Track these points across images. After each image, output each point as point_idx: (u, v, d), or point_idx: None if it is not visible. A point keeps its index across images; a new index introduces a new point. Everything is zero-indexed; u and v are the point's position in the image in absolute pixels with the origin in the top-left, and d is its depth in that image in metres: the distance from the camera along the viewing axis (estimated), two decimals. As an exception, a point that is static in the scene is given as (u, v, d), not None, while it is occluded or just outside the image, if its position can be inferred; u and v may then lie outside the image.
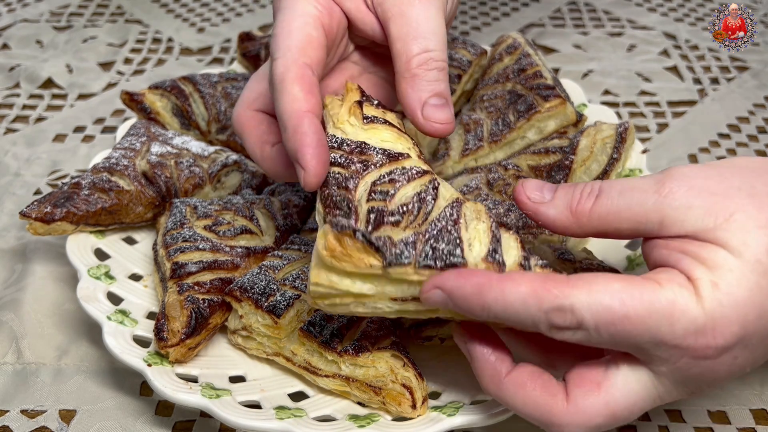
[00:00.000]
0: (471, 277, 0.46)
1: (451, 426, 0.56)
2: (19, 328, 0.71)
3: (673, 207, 0.47)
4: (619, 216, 0.49)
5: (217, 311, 0.64)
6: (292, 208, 0.75)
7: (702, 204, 0.46)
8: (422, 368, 0.60)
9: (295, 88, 0.54)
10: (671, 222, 0.47)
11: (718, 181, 0.47)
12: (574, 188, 0.51)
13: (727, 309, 0.44)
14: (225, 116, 0.85)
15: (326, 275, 0.48)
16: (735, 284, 0.44)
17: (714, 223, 0.46)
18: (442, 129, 0.57)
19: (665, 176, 0.48)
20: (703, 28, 1.22)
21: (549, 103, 0.78)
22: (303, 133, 0.52)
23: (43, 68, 1.11)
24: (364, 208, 0.50)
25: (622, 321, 0.44)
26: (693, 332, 0.44)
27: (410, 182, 0.52)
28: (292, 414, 0.58)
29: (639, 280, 0.46)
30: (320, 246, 0.47)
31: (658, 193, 0.48)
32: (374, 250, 0.46)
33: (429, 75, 0.57)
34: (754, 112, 1.02)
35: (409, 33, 0.57)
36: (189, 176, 0.77)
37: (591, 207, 0.50)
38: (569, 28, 1.23)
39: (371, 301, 0.49)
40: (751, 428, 0.63)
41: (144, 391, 0.66)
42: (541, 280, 0.46)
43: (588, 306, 0.44)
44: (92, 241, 0.72)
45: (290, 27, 0.57)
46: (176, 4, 1.31)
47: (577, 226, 0.51)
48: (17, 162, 0.94)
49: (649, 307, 0.44)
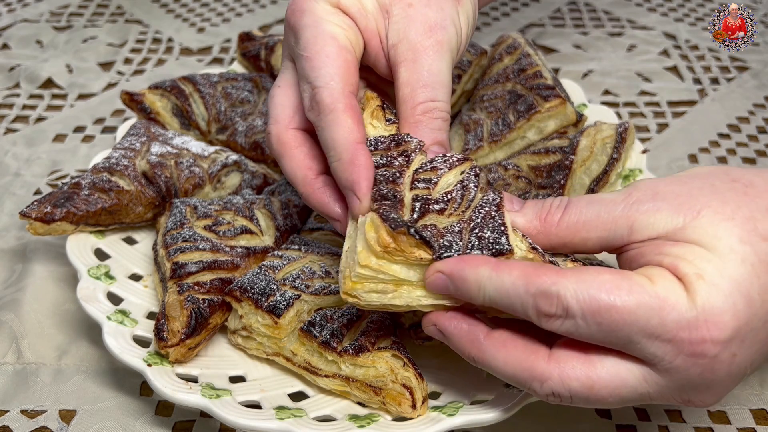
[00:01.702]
0: (470, 260, 0.49)
1: (451, 426, 0.56)
2: (19, 328, 0.71)
3: (641, 211, 0.49)
4: (587, 225, 0.50)
5: (217, 311, 0.64)
6: (292, 208, 0.75)
7: (668, 206, 0.48)
8: (422, 368, 0.60)
9: (348, 120, 0.55)
10: (641, 226, 0.49)
11: (680, 185, 0.50)
12: (543, 201, 0.53)
13: (716, 300, 0.45)
14: (225, 116, 0.85)
15: (376, 261, 0.50)
16: (717, 275, 0.45)
17: (683, 222, 0.47)
18: None
19: (631, 187, 0.51)
20: (703, 28, 1.22)
21: (549, 103, 0.78)
22: (360, 165, 0.54)
23: (43, 68, 1.11)
24: (408, 196, 0.53)
25: (608, 310, 0.45)
26: (686, 326, 0.45)
27: (452, 169, 0.54)
28: (292, 414, 0.58)
29: (630, 274, 0.47)
30: (372, 239, 0.49)
31: (625, 202, 0.50)
32: (424, 244, 0.49)
33: (433, 123, 0.58)
34: (754, 112, 1.02)
35: (418, 80, 0.59)
36: (189, 176, 0.77)
37: (560, 217, 0.52)
38: (569, 28, 1.23)
39: (411, 290, 0.51)
40: (751, 428, 0.63)
41: (144, 391, 0.66)
42: (534, 266, 0.48)
43: (575, 293, 0.46)
44: (92, 241, 0.72)
45: (326, 51, 0.57)
46: (176, 4, 1.31)
47: (544, 236, 0.52)
48: (17, 162, 0.94)
49: (638, 299, 0.45)
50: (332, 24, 0.58)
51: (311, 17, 0.59)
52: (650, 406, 0.64)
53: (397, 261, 0.50)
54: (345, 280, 0.51)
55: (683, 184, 0.50)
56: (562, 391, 0.48)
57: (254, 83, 0.89)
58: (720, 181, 0.49)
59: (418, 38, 0.59)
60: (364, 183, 0.54)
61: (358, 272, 0.50)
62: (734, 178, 0.50)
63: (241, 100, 0.87)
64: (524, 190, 0.73)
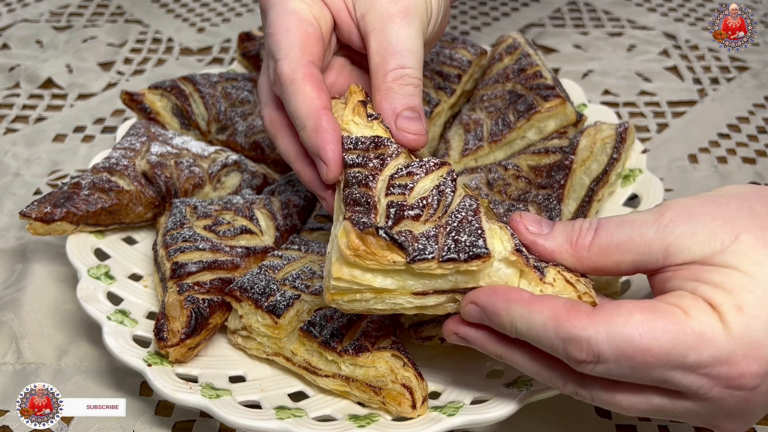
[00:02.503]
0: (504, 293, 0.48)
1: (451, 426, 0.56)
2: (19, 328, 0.71)
3: (676, 234, 0.47)
4: (620, 248, 0.49)
5: (217, 311, 0.64)
6: (292, 208, 0.75)
7: (705, 229, 0.46)
8: (422, 368, 0.60)
9: (307, 88, 0.56)
10: (676, 250, 0.47)
11: (715, 206, 0.48)
12: (573, 224, 0.52)
13: (756, 333, 0.43)
14: (225, 116, 0.85)
15: (348, 270, 0.48)
16: (758, 307, 0.44)
17: (721, 246, 0.45)
18: (415, 140, 0.58)
19: (663, 207, 0.49)
20: (703, 28, 1.22)
21: (549, 103, 0.78)
22: (324, 130, 0.55)
23: (43, 68, 1.11)
24: (383, 202, 0.51)
25: (643, 354, 0.44)
26: (724, 361, 0.43)
27: (428, 174, 0.53)
28: (292, 414, 0.58)
29: (663, 308, 0.45)
30: (342, 244, 0.48)
31: (659, 224, 0.48)
32: (397, 247, 0.47)
33: (404, 90, 0.59)
34: (754, 112, 1.02)
35: (387, 49, 0.59)
36: (189, 176, 0.77)
37: (591, 240, 0.50)
38: (569, 28, 1.23)
39: (392, 297, 0.50)
40: (751, 428, 0.63)
41: (144, 391, 0.66)
42: (565, 307, 0.46)
43: (607, 339, 0.44)
44: (92, 241, 0.72)
45: (287, 25, 0.58)
46: (176, 4, 1.31)
47: (576, 260, 0.51)
48: (17, 162, 0.94)
49: (674, 339, 0.43)
50: (296, 1, 0.60)
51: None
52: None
53: (371, 267, 0.48)
54: (325, 291, 0.50)
55: (719, 206, 0.48)
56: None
57: (254, 83, 0.89)
58: (758, 204, 0.48)
59: (384, 7, 0.60)
60: (329, 147, 0.54)
61: (333, 284, 0.49)
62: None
63: (241, 100, 0.87)
64: (524, 190, 0.73)
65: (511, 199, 0.73)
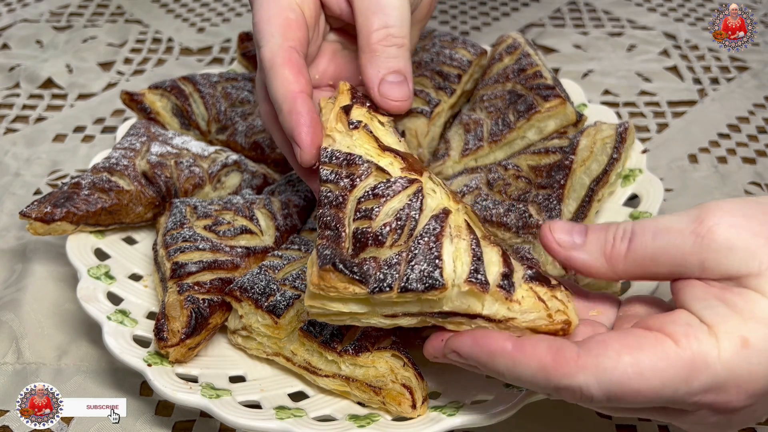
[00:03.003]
0: (485, 344, 0.48)
1: (451, 426, 0.56)
2: (19, 328, 0.71)
3: (713, 249, 0.45)
4: (655, 260, 0.47)
5: (217, 311, 0.64)
6: (292, 208, 0.75)
7: (745, 246, 0.44)
8: (422, 368, 0.60)
9: (285, 71, 0.57)
10: (713, 265, 0.45)
11: (761, 221, 0.45)
12: (606, 231, 0.50)
13: (756, 366, 0.43)
14: (225, 116, 0.85)
15: (318, 301, 0.50)
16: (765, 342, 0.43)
17: (758, 267, 0.44)
18: (398, 106, 0.58)
19: (702, 213, 0.46)
20: (703, 28, 1.22)
21: (549, 103, 0.78)
22: (297, 113, 0.56)
23: (43, 68, 1.11)
24: (350, 229, 0.51)
25: (634, 396, 0.44)
26: (714, 389, 0.43)
27: (396, 195, 0.51)
28: (292, 414, 0.58)
29: (651, 343, 0.44)
30: (308, 277, 0.49)
31: (696, 234, 0.45)
32: (357, 281, 0.48)
33: (388, 51, 0.58)
34: (754, 112, 1.02)
35: (369, 7, 0.59)
36: (189, 176, 0.77)
37: (625, 251, 0.48)
38: (569, 28, 1.23)
39: (365, 318, 0.51)
40: (751, 429, 0.63)
41: (144, 391, 0.66)
42: (551, 354, 0.45)
43: (598, 385, 0.44)
44: (92, 241, 0.72)
45: (269, 14, 0.59)
46: (176, 4, 1.31)
47: (612, 272, 0.49)
48: (17, 162, 0.94)
49: (664, 377, 0.43)
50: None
51: None
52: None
53: (334, 299, 0.49)
54: (307, 310, 0.51)
55: (764, 222, 0.45)
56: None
57: (254, 83, 0.89)
58: None
59: None
60: (302, 130, 0.55)
61: (310, 308, 0.50)
62: None
63: (241, 100, 0.87)
64: (524, 190, 0.73)
65: (511, 199, 0.73)
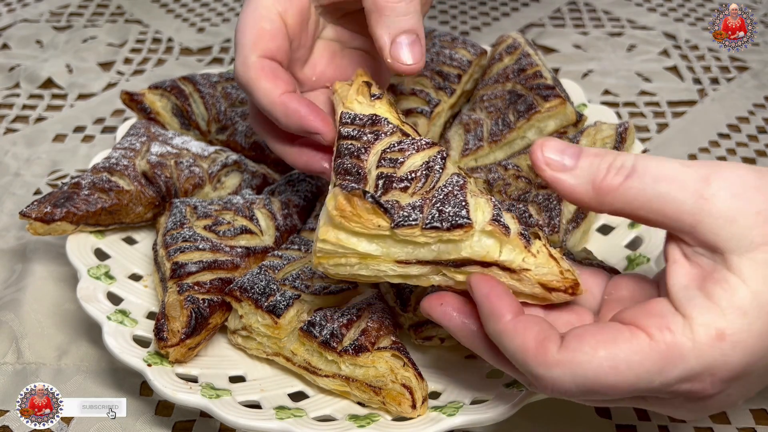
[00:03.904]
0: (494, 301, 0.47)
1: (451, 426, 0.56)
2: (19, 328, 0.71)
3: (712, 215, 0.43)
4: (648, 205, 0.45)
5: (217, 311, 0.64)
6: (292, 208, 0.75)
7: (744, 220, 0.43)
8: (422, 368, 0.60)
9: (261, 83, 0.58)
10: (704, 231, 0.44)
11: (764, 195, 0.43)
12: (602, 158, 0.47)
13: (731, 358, 0.42)
14: (225, 116, 0.85)
15: (334, 233, 0.49)
16: (746, 330, 0.42)
17: (747, 247, 0.43)
18: (410, 69, 0.56)
19: (712, 173, 0.44)
20: (703, 28, 1.22)
21: (549, 103, 0.78)
22: (294, 110, 0.57)
23: (43, 68, 1.11)
24: (373, 174, 0.52)
25: (609, 390, 0.44)
26: (689, 379, 0.43)
27: (419, 152, 0.54)
28: (292, 414, 0.58)
29: (626, 336, 0.44)
30: (330, 206, 0.49)
31: (700, 195, 0.43)
32: (382, 211, 0.48)
33: (397, 8, 0.55)
34: (754, 112, 1.02)
35: None
36: (189, 176, 0.77)
37: (618, 186, 0.46)
38: (569, 28, 1.23)
39: (376, 263, 0.50)
40: (751, 428, 0.63)
41: (144, 391, 0.66)
42: (537, 341, 0.45)
43: (572, 380, 0.44)
44: (92, 241, 0.72)
45: (244, 24, 0.59)
46: (176, 4, 1.31)
47: (596, 203, 0.47)
48: (17, 162, 0.94)
49: (638, 371, 0.43)
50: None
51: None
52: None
53: (356, 230, 0.49)
54: (312, 254, 0.51)
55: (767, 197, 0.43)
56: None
57: (254, 83, 0.89)
58: None
59: None
60: (309, 118, 0.56)
61: (320, 247, 0.50)
62: None
63: (241, 100, 0.87)
64: (524, 190, 0.73)
65: (511, 199, 0.73)
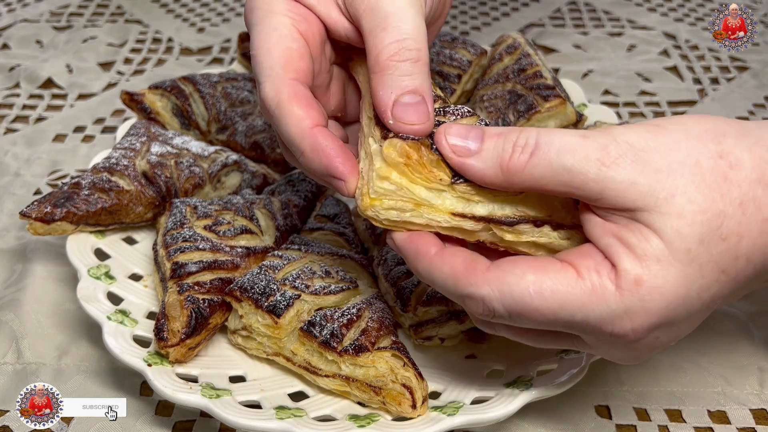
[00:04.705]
0: (415, 241, 0.50)
1: (451, 426, 0.56)
2: (19, 328, 0.70)
3: (616, 181, 0.45)
4: (555, 179, 0.46)
5: (217, 311, 0.64)
6: (292, 208, 0.75)
7: (645, 181, 0.45)
8: (422, 368, 0.60)
9: (294, 108, 0.52)
10: (611, 196, 0.45)
11: (663, 152, 0.45)
12: (505, 137, 0.48)
13: (649, 303, 0.45)
14: (225, 116, 0.85)
15: (397, 175, 0.48)
16: (661, 276, 0.44)
17: (654, 203, 0.45)
18: (416, 130, 0.51)
19: (610, 141, 0.46)
20: (703, 28, 1.22)
21: (549, 103, 0.78)
22: (323, 147, 0.51)
23: (43, 68, 1.11)
24: None
25: (532, 313, 0.46)
26: (609, 321, 0.45)
27: (464, 118, 0.53)
28: (292, 414, 0.58)
29: (556, 268, 0.46)
30: (393, 153, 0.48)
31: (602, 162, 0.45)
32: (445, 164, 0.48)
33: (401, 68, 0.51)
34: (754, 112, 1.02)
35: (378, 24, 0.52)
36: (189, 176, 0.77)
37: (525, 164, 0.47)
38: (569, 28, 1.23)
39: (432, 212, 0.50)
40: (751, 428, 0.63)
41: (144, 391, 0.66)
42: (464, 265, 0.48)
43: (500, 298, 0.46)
44: (92, 241, 0.72)
45: (268, 44, 0.55)
46: (176, 4, 1.31)
47: (507, 183, 0.48)
48: (17, 162, 0.94)
49: (561, 300, 0.45)
50: (277, 14, 0.55)
51: (259, 13, 0.56)
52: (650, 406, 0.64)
53: (416, 180, 0.48)
54: (363, 197, 0.49)
55: (666, 152, 0.45)
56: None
57: (254, 83, 0.89)
58: (706, 156, 0.46)
59: None
60: (338, 161, 0.51)
61: (378, 186, 0.48)
62: (722, 152, 0.46)
63: (241, 100, 0.87)
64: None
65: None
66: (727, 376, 0.66)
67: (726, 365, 0.67)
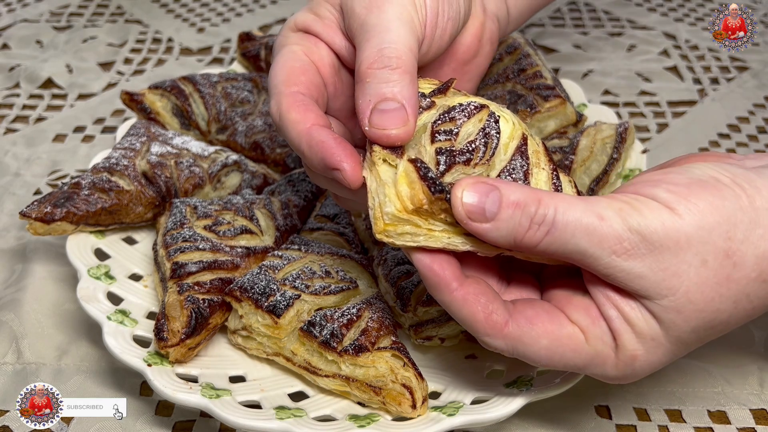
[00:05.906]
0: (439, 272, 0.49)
1: (451, 426, 0.56)
2: (19, 328, 0.71)
3: (624, 270, 0.47)
4: (566, 255, 0.48)
5: (217, 311, 0.64)
6: (292, 208, 0.75)
7: (653, 278, 0.47)
8: (422, 368, 0.60)
9: (291, 115, 0.54)
10: (618, 279, 0.48)
11: (674, 252, 0.47)
12: (523, 210, 0.47)
13: (639, 372, 0.51)
14: (225, 116, 0.85)
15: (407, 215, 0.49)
16: (652, 353, 0.50)
17: (656, 296, 0.48)
18: (393, 137, 0.49)
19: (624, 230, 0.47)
20: (703, 28, 1.22)
21: (549, 103, 0.78)
22: (317, 141, 0.52)
23: (43, 68, 1.11)
24: (430, 150, 0.50)
25: (539, 364, 0.52)
26: (602, 377, 0.52)
27: (470, 118, 0.52)
28: (292, 414, 0.58)
29: (569, 334, 0.50)
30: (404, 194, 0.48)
31: (614, 251, 0.47)
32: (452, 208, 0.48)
33: (379, 75, 0.51)
34: (754, 112, 1.02)
35: (364, 37, 0.54)
36: (189, 176, 0.77)
37: (539, 241, 0.48)
38: (569, 28, 1.23)
39: (446, 235, 0.50)
40: (751, 428, 0.63)
41: (144, 391, 0.66)
42: (485, 314, 0.49)
43: (512, 352, 0.51)
44: (92, 241, 0.72)
45: (276, 69, 0.58)
46: (176, 4, 1.31)
47: (517, 251, 0.50)
48: (17, 162, 0.94)
49: (568, 360, 0.51)
50: (289, 45, 0.59)
51: (276, 48, 0.61)
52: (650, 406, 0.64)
53: (428, 220, 0.49)
54: (377, 221, 0.49)
55: (676, 254, 0.47)
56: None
57: (254, 83, 0.89)
58: (713, 256, 0.47)
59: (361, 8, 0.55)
60: (334, 153, 0.51)
61: (392, 214, 0.48)
62: (729, 251, 0.47)
63: (241, 100, 0.87)
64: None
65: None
66: (727, 376, 0.66)
67: (726, 365, 0.67)
